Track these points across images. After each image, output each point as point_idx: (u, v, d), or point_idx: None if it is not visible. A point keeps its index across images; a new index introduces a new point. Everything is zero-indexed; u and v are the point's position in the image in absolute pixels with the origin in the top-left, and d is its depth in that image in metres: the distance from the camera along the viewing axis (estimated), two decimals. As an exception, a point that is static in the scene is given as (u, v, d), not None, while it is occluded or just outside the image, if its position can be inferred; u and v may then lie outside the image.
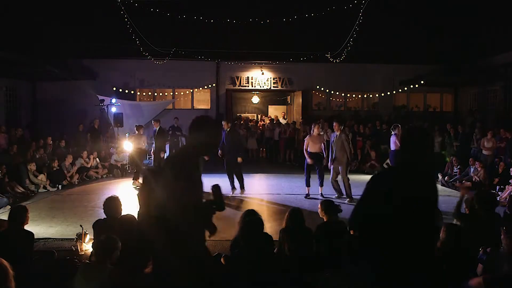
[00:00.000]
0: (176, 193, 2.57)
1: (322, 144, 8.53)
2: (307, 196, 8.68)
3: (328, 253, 3.95)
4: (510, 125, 11.17)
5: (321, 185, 8.62)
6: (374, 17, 11.81)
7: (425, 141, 2.65)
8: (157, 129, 10.72)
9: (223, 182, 9.73)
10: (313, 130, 8.60)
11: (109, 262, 3.28)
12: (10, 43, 12.41)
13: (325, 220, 4.50)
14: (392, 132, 9.33)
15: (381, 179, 2.67)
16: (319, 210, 4.60)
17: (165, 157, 14.38)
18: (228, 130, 8.74)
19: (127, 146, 11.19)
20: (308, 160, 8.50)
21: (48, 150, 11.53)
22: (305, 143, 8.61)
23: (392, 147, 9.35)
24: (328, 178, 8.50)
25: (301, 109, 16.58)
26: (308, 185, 8.73)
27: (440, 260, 3.42)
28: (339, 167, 8.30)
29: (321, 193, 8.65)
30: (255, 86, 16.63)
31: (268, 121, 17.20)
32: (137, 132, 10.65)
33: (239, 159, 8.65)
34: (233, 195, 8.77)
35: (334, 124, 8.39)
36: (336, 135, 8.32)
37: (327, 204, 4.53)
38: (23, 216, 4.24)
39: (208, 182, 2.97)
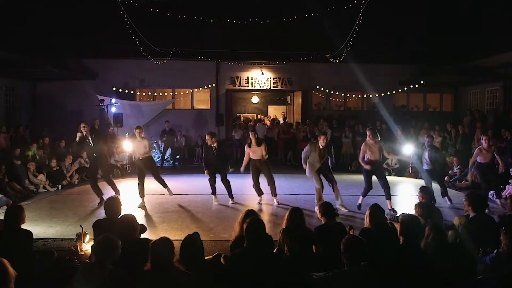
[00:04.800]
0: None
1: (383, 152, 7.51)
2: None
3: (327, 253, 3.95)
4: (510, 125, 11.17)
5: (388, 198, 7.41)
6: (374, 17, 11.81)
7: None
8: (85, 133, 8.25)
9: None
10: (368, 137, 7.53)
11: (109, 262, 3.27)
12: (10, 43, 12.40)
13: (323, 222, 4.50)
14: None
15: None
16: (318, 214, 4.60)
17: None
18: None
19: (127, 146, 11.17)
20: (367, 167, 7.44)
21: (46, 150, 11.52)
22: (361, 152, 7.56)
23: (479, 159, 8.05)
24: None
25: (301, 109, 16.59)
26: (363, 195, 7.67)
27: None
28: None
29: (392, 208, 7.33)
30: (255, 86, 16.63)
31: (268, 121, 17.20)
32: (137, 136, 8.28)
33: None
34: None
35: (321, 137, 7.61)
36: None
37: (325, 207, 4.51)
38: (19, 216, 4.22)
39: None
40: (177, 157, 14.33)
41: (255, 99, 20.24)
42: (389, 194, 7.41)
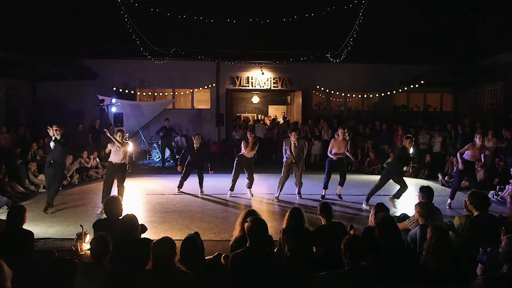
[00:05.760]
0: None
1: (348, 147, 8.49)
2: (322, 197, 8.70)
3: (328, 253, 3.95)
4: (510, 125, 11.18)
5: (341, 185, 8.65)
6: (374, 17, 11.80)
7: None
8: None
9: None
10: (338, 134, 8.49)
11: (106, 258, 3.28)
12: (10, 43, 12.40)
13: (323, 222, 4.50)
14: None
15: None
16: (318, 213, 4.60)
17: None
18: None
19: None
20: (334, 157, 8.44)
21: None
22: (330, 147, 8.52)
23: (467, 155, 8.04)
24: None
25: (301, 109, 16.59)
26: (325, 187, 8.71)
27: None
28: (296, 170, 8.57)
29: (338, 194, 8.72)
30: (255, 86, 16.63)
31: (268, 121, 17.22)
32: (119, 138, 7.51)
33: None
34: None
35: (292, 133, 8.47)
36: (294, 143, 8.40)
37: (325, 207, 4.52)
38: (21, 216, 4.23)
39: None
40: (177, 157, 14.30)
41: (255, 99, 20.25)
42: (343, 183, 8.62)
